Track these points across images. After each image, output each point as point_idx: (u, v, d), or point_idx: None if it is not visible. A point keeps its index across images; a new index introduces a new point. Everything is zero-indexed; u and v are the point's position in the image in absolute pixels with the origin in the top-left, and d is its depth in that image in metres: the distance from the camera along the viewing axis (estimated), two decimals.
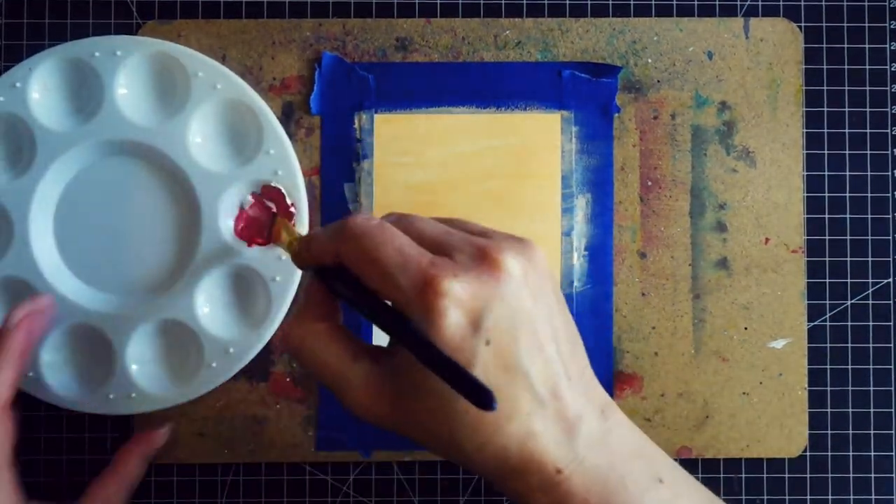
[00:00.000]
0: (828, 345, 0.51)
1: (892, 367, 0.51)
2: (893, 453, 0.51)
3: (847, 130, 0.51)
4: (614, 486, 0.33)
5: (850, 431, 0.51)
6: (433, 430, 0.33)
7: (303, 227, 0.48)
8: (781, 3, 0.51)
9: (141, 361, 0.49)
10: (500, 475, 0.33)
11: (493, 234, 0.34)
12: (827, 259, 0.51)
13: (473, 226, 0.35)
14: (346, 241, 0.34)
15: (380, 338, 0.49)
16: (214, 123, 0.49)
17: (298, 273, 0.48)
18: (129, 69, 0.48)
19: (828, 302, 0.51)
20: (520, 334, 0.32)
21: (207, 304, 0.48)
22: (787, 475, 0.51)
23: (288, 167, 0.48)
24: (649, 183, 0.51)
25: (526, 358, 0.32)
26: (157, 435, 0.48)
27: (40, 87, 0.48)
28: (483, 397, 0.30)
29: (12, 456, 0.42)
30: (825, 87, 0.51)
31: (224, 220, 0.48)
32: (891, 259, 0.51)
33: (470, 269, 0.32)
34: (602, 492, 0.33)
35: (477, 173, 0.51)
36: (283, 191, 0.48)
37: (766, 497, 0.50)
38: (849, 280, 0.51)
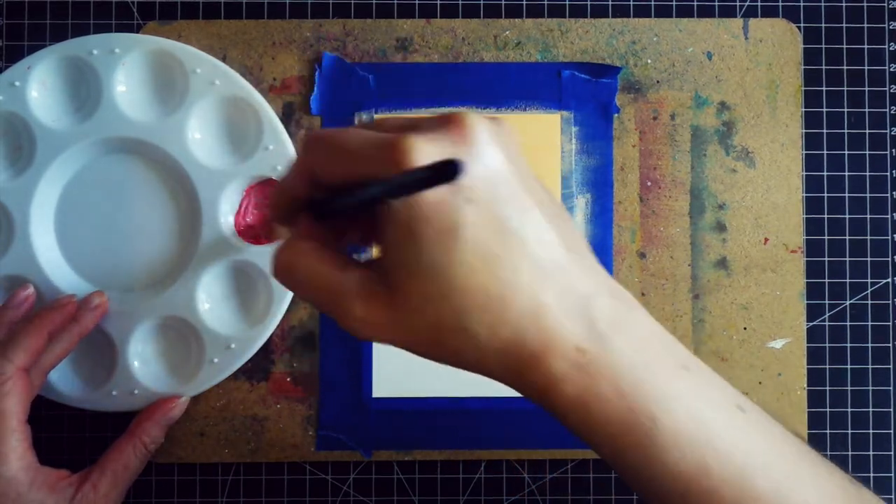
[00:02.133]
0: (827, 345, 0.51)
1: (891, 366, 0.51)
2: (892, 452, 0.51)
3: (846, 131, 0.52)
4: (643, 372, 0.30)
5: (849, 431, 0.51)
6: (438, 322, 0.30)
7: None
8: (780, 3, 0.52)
9: (143, 358, 0.49)
10: (519, 366, 0.30)
11: None
12: (826, 259, 0.51)
13: None
14: (313, 149, 0.32)
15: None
16: (213, 120, 0.49)
17: None
18: (127, 67, 0.48)
19: (827, 302, 0.51)
20: (502, 194, 0.29)
21: (208, 300, 0.49)
22: None
23: (287, 163, 0.48)
24: (649, 183, 0.51)
25: (516, 220, 0.29)
26: (175, 403, 0.48)
27: (39, 86, 0.48)
28: (449, 166, 0.27)
29: (26, 418, 0.43)
30: (824, 88, 0.52)
31: (224, 215, 0.48)
32: (890, 259, 0.51)
33: (436, 131, 0.29)
34: (631, 375, 0.30)
35: None
36: None
37: None
38: (848, 280, 0.51)
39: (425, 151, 0.28)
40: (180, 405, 0.48)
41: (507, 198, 0.29)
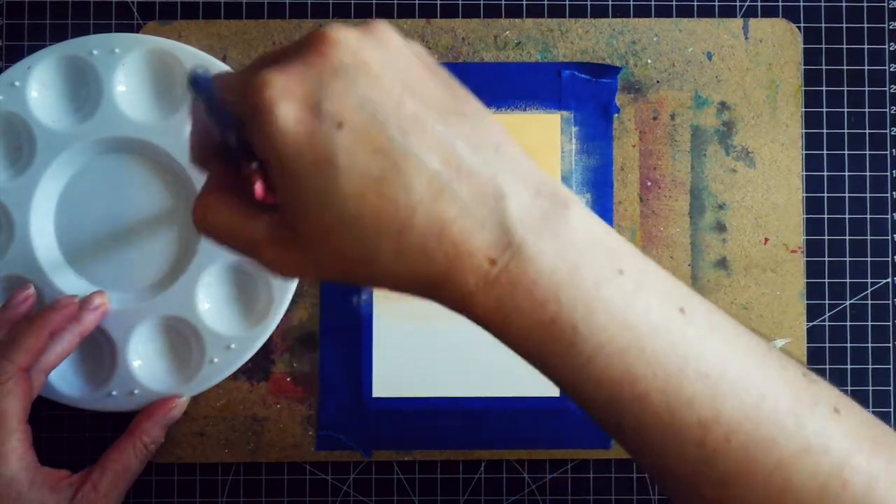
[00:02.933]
0: (827, 345, 0.51)
1: (891, 366, 0.51)
2: None
3: (846, 131, 0.52)
4: (564, 277, 0.28)
5: None
6: (341, 254, 0.29)
7: None
8: (780, 3, 0.52)
9: (143, 358, 0.49)
10: (431, 285, 0.29)
11: None
12: (826, 259, 0.51)
13: None
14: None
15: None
16: None
17: None
18: (127, 67, 0.48)
19: (827, 302, 0.51)
20: (378, 108, 0.27)
21: (208, 300, 0.49)
22: None
23: None
24: (649, 183, 0.51)
25: (397, 132, 0.27)
26: (175, 403, 0.48)
27: (39, 86, 0.48)
28: (191, 82, 0.28)
29: (26, 418, 0.43)
30: (824, 88, 0.52)
31: None
32: (889, 259, 0.51)
33: (293, 55, 0.28)
34: (549, 283, 0.28)
35: None
36: None
37: None
38: (848, 280, 0.51)
39: (279, 85, 0.27)
40: (180, 405, 0.48)
41: (387, 112, 0.27)
